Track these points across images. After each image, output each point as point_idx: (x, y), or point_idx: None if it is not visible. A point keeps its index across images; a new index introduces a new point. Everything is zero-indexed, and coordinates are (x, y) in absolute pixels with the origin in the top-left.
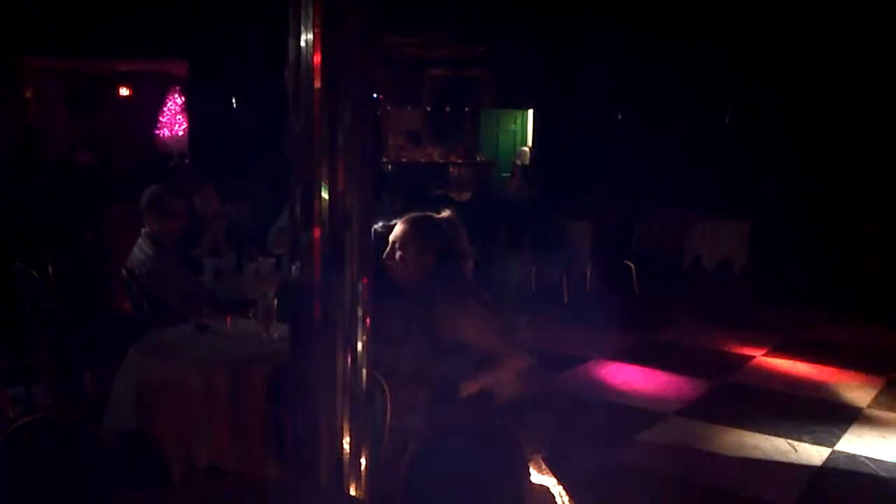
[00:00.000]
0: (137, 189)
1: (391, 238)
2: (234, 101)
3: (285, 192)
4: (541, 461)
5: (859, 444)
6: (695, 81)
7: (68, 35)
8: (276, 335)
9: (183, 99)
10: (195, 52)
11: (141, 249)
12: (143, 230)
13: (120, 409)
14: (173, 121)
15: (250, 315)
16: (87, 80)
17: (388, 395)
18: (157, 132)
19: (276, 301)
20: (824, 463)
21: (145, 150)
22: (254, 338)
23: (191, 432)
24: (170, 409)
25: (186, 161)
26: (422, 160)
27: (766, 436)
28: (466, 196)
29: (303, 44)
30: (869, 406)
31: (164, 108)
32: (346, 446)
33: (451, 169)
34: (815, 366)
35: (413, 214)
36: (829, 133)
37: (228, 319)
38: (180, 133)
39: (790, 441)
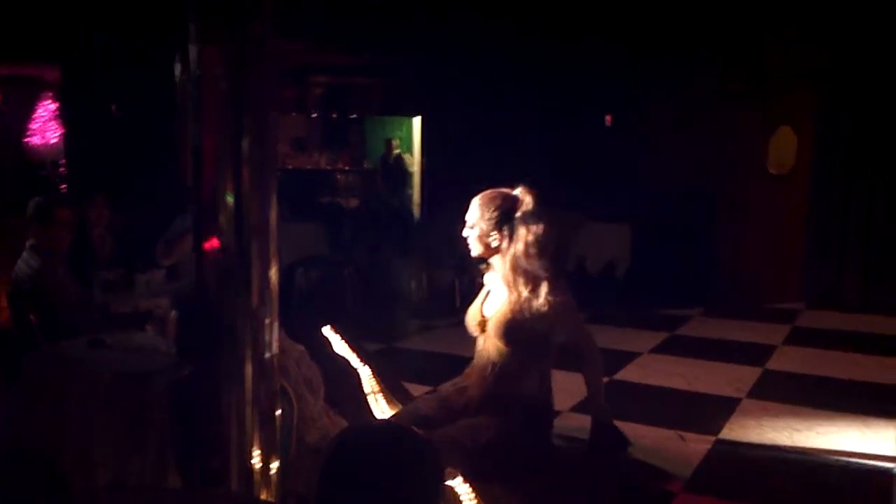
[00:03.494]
0: (8, 199)
1: None
2: (113, 107)
3: (171, 202)
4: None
5: (740, 431)
6: (578, 86)
7: None
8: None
9: (56, 105)
10: (69, 57)
11: (26, 262)
12: (27, 242)
13: (15, 426)
14: (45, 128)
15: (146, 327)
16: None
17: (295, 405)
18: (27, 140)
19: (173, 312)
20: (709, 450)
21: (14, 158)
22: (151, 351)
23: (91, 448)
24: (68, 426)
25: (61, 169)
26: (308, 167)
27: (655, 427)
28: (354, 203)
29: (200, 52)
30: (747, 396)
31: (35, 115)
32: (256, 456)
33: (339, 176)
34: (695, 361)
35: None
36: (701, 138)
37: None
38: (53, 140)
39: (678, 431)
